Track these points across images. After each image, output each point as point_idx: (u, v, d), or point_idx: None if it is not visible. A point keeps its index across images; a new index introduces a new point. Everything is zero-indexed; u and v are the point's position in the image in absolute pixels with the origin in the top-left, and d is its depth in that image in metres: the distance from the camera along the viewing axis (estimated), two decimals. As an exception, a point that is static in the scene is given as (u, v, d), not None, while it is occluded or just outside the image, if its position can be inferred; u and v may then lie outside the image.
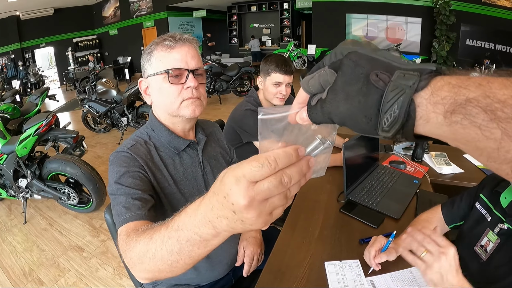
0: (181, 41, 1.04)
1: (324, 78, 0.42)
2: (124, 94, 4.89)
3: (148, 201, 0.97)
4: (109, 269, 2.48)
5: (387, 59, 0.39)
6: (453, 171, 1.92)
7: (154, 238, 0.65)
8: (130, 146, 1.04)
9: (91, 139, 5.53)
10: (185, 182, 1.12)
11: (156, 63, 1.04)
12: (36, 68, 12.13)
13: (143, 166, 1.02)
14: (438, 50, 8.35)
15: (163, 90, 1.04)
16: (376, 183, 1.69)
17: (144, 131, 1.14)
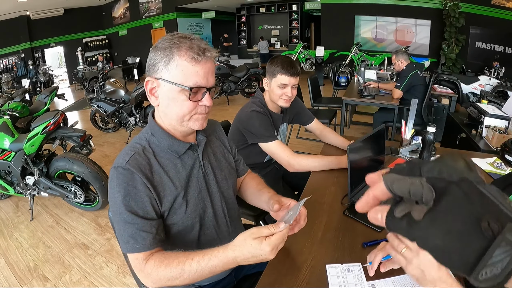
0: (205, 56, 1.00)
1: (417, 190, 0.39)
2: (132, 94, 4.92)
3: (155, 228, 1.01)
4: (113, 267, 2.49)
5: (495, 197, 0.35)
6: (459, 175, 1.89)
7: (186, 270, 0.94)
8: (128, 159, 1.00)
9: (99, 138, 5.58)
10: (186, 185, 1.11)
11: (177, 71, 0.98)
12: (46, 68, 12.26)
13: (144, 181, 0.99)
14: (447, 53, 8.28)
15: (177, 102, 1.01)
16: (381, 186, 1.67)
17: (143, 136, 1.11)
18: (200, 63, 0.99)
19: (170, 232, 1.11)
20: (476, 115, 2.99)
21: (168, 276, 0.95)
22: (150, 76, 1.03)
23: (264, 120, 1.91)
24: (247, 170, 1.51)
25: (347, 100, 4.34)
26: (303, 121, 2.30)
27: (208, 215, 1.17)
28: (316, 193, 1.63)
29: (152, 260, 0.98)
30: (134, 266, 1.00)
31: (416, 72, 3.95)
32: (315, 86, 5.11)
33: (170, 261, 0.96)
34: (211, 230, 1.19)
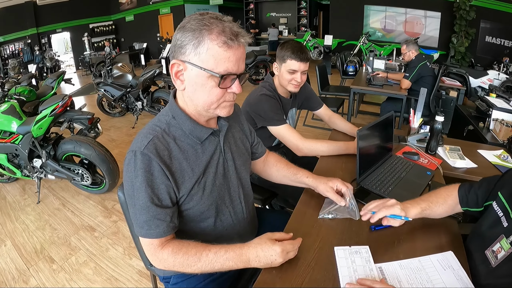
0: (239, 42, 0.94)
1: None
2: (140, 79, 4.91)
3: (169, 216, 1.02)
4: (119, 249, 2.52)
5: None
6: (466, 165, 1.89)
7: (202, 260, 0.99)
8: (146, 144, 0.97)
9: (105, 122, 5.59)
10: (205, 170, 1.09)
11: (207, 56, 0.92)
12: (52, 53, 12.28)
13: (162, 167, 0.98)
14: (457, 46, 8.18)
15: (205, 88, 0.97)
16: (388, 172, 1.67)
17: (163, 119, 1.07)
18: (232, 49, 0.93)
19: (186, 217, 1.11)
20: (484, 108, 2.98)
21: (184, 263, 0.99)
22: (177, 59, 0.96)
23: (273, 104, 1.90)
24: (266, 151, 1.52)
25: (355, 88, 4.33)
26: (312, 106, 2.29)
27: (225, 200, 1.17)
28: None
29: (169, 247, 1.00)
30: (147, 250, 1.02)
31: (425, 63, 3.91)
32: (323, 74, 5.10)
33: (188, 250, 1.00)
34: (227, 216, 1.19)
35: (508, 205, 1.04)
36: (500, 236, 1.02)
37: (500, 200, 1.08)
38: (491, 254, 1.02)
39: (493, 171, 1.86)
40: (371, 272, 1.00)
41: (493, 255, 1.02)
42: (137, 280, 2.23)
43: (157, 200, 0.98)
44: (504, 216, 1.04)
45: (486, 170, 1.86)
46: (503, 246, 1.00)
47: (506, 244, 0.99)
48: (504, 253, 0.99)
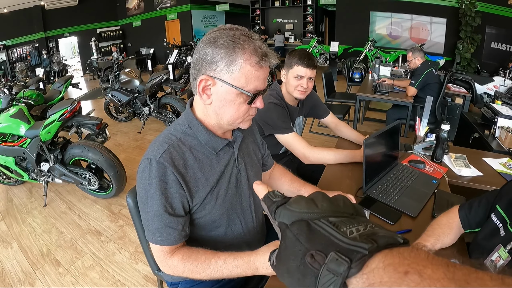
0: (269, 63, 0.98)
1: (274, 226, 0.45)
2: (147, 84, 4.95)
3: (181, 225, 1.04)
4: (125, 254, 2.53)
5: (329, 231, 0.38)
6: (472, 173, 1.90)
7: (211, 267, 0.99)
8: (162, 152, 0.99)
9: (112, 127, 5.63)
10: (218, 180, 1.11)
11: (239, 75, 0.93)
12: (60, 57, 12.36)
13: (176, 176, 0.99)
14: (462, 52, 8.15)
15: (234, 105, 0.98)
16: (394, 181, 1.68)
17: (179, 128, 1.08)
18: (263, 69, 0.97)
19: (197, 225, 1.13)
20: (490, 116, 2.98)
21: (193, 270, 1.01)
22: (206, 74, 0.96)
23: (281, 112, 1.93)
24: (273, 163, 1.55)
25: (361, 95, 4.34)
26: (319, 114, 2.30)
27: (236, 210, 1.18)
28: (331, 186, 1.64)
29: (179, 254, 1.03)
30: (157, 256, 1.05)
31: (431, 70, 3.91)
32: (329, 81, 5.11)
33: (198, 256, 1.02)
34: (238, 225, 1.20)
35: (506, 216, 1.06)
36: (498, 246, 1.03)
37: (498, 211, 1.10)
38: (490, 263, 1.04)
39: (498, 179, 1.86)
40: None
41: (492, 264, 1.03)
42: (143, 285, 2.24)
43: (170, 209, 1.00)
44: (502, 226, 1.05)
45: (491, 178, 1.87)
46: (501, 255, 1.01)
47: (504, 253, 1.00)
48: (502, 262, 1.00)
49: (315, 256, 0.36)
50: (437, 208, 1.47)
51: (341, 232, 0.37)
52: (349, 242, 0.36)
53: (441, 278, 0.30)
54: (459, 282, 0.29)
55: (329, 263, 0.34)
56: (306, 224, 0.40)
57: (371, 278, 0.33)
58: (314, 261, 0.35)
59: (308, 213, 0.41)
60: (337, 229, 0.38)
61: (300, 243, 0.38)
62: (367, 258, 0.34)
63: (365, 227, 0.38)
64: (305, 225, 0.39)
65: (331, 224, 0.39)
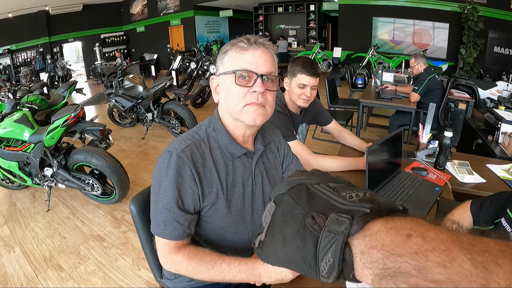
0: (255, 44, 1.01)
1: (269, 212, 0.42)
2: (151, 90, 4.97)
3: (188, 222, 1.04)
4: (128, 260, 2.53)
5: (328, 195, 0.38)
6: (475, 180, 1.89)
7: (215, 269, 1.00)
8: (184, 147, 1.02)
9: (116, 133, 5.64)
10: (232, 188, 1.11)
11: (228, 62, 1.03)
12: (64, 62, 12.47)
13: (193, 173, 1.01)
14: (465, 57, 8.14)
15: (229, 91, 1.02)
16: (397, 189, 1.68)
17: (204, 128, 1.12)
18: (248, 50, 1.01)
19: (205, 229, 1.13)
20: (493, 121, 2.97)
21: (196, 269, 1.01)
22: (215, 76, 1.09)
23: (284, 119, 1.93)
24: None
25: (364, 102, 4.35)
26: (322, 122, 2.31)
27: (245, 221, 1.18)
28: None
29: (185, 251, 1.03)
30: (161, 250, 1.05)
31: (434, 76, 3.91)
32: (332, 87, 5.12)
33: (203, 256, 1.02)
34: (245, 235, 1.19)
35: None
36: None
37: (508, 216, 1.09)
38: None
39: (502, 186, 1.86)
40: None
41: None
42: None
43: (181, 203, 1.01)
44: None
45: (494, 185, 1.86)
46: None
47: None
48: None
49: (316, 218, 0.35)
50: (440, 216, 1.47)
51: (341, 196, 0.37)
52: (349, 204, 0.36)
53: (445, 240, 0.29)
54: (464, 244, 0.28)
55: (330, 224, 0.34)
56: (305, 187, 0.40)
57: (373, 240, 0.32)
58: (315, 223, 0.35)
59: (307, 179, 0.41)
60: (337, 193, 0.38)
61: (300, 206, 0.38)
62: (370, 217, 0.34)
63: (364, 193, 0.38)
64: (305, 189, 0.39)
65: (331, 189, 0.39)
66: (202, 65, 7.68)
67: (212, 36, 15.08)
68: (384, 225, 0.33)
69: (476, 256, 0.27)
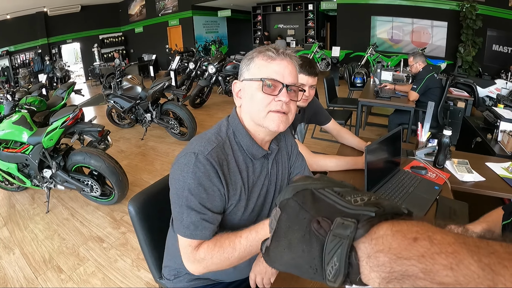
0: (282, 55, 1.05)
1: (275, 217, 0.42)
2: (149, 91, 4.96)
3: (217, 221, 1.05)
4: (127, 261, 2.53)
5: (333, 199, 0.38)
6: (474, 179, 1.89)
7: (237, 248, 0.98)
8: (210, 150, 1.02)
9: (114, 133, 5.64)
10: (252, 189, 1.13)
11: (254, 70, 1.05)
12: (62, 63, 12.45)
13: (220, 176, 1.02)
14: (464, 55, 8.14)
15: (254, 97, 1.04)
16: (397, 188, 1.67)
17: (224, 130, 1.12)
18: (276, 60, 1.04)
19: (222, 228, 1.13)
20: (492, 119, 2.97)
21: (221, 258, 1.00)
22: (237, 80, 1.13)
23: None
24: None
25: (363, 101, 4.35)
26: (320, 121, 2.30)
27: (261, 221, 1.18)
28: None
29: (204, 245, 1.02)
30: (185, 252, 1.04)
31: (432, 74, 3.91)
32: (331, 87, 5.13)
33: (221, 242, 1.01)
34: None
35: None
36: None
37: None
38: None
39: (501, 185, 1.85)
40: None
41: None
42: None
43: (210, 204, 1.02)
44: None
45: (494, 184, 1.86)
46: None
47: None
48: None
49: (321, 222, 0.36)
50: (439, 215, 1.46)
51: (346, 200, 0.37)
52: (355, 208, 0.36)
53: (452, 243, 0.30)
54: (471, 247, 0.29)
55: (335, 228, 0.34)
56: (310, 192, 0.40)
57: (379, 244, 0.33)
58: (320, 227, 0.35)
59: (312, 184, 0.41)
60: (342, 197, 0.38)
61: (305, 210, 0.38)
62: (375, 221, 0.34)
63: (369, 197, 0.38)
64: (310, 194, 0.40)
65: (336, 193, 0.39)
66: (200, 65, 7.67)
67: (210, 36, 15.05)
68: (390, 228, 0.33)
69: (483, 258, 0.28)
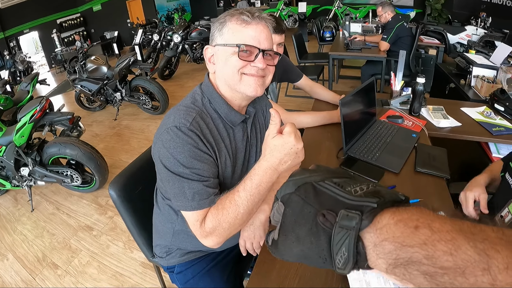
0: (258, 19, 1.01)
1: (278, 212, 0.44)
2: (115, 69, 4.79)
3: (217, 185, 1.04)
4: (119, 244, 2.55)
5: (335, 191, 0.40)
6: (451, 124, 1.94)
7: (239, 203, 0.95)
8: (191, 121, 0.99)
9: (87, 118, 5.46)
10: (235, 155, 1.13)
11: (228, 35, 1.01)
12: (23, 55, 11.86)
13: (207, 144, 1.00)
14: (433, 3, 8.09)
15: (228, 62, 1.01)
16: (374, 138, 1.69)
17: (199, 99, 1.08)
18: (251, 25, 1.01)
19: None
20: (464, 65, 3.00)
21: (230, 219, 0.96)
22: (209, 45, 1.08)
23: None
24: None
25: (334, 54, 4.32)
26: (292, 79, 2.27)
27: None
28: (311, 150, 1.64)
29: (209, 214, 0.99)
30: (195, 229, 1.00)
31: (402, 23, 3.91)
32: (300, 43, 5.07)
33: (223, 205, 0.98)
34: None
35: None
36: (508, 201, 1.07)
37: (510, 168, 1.15)
38: (499, 220, 1.07)
39: (478, 129, 1.91)
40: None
41: (501, 220, 1.07)
42: (141, 272, 2.27)
43: (207, 173, 1.00)
44: None
45: (470, 128, 1.91)
46: (510, 210, 1.04)
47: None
48: (510, 217, 1.03)
49: (326, 215, 0.38)
50: (419, 162, 1.49)
51: (346, 191, 0.40)
52: (356, 199, 0.38)
53: (450, 230, 0.33)
54: (466, 234, 0.32)
55: (341, 220, 0.37)
56: (311, 186, 0.41)
57: (384, 233, 0.35)
58: (326, 220, 0.38)
59: (311, 176, 0.43)
60: (342, 188, 0.40)
61: (309, 204, 0.40)
62: (378, 211, 0.37)
63: (368, 186, 0.40)
64: (311, 187, 0.41)
65: (336, 184, 0.41)
66: (165, 35, 7.40)
67: (172, 4, 14.45)
68: (392, 217, 0.36)
69: (478, 244, 0.31)
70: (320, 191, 0.41)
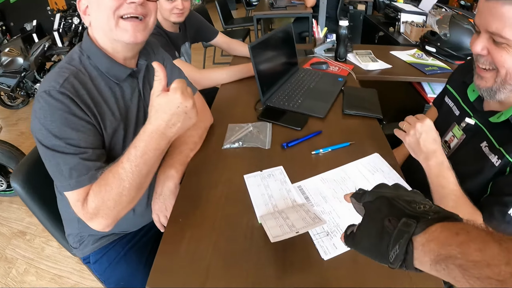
0: None
1: (359, 211, 0.58)
2: (31, 59, 4.45)
3: (101, 156, 0.89)
4: (54, 244, 2.39)
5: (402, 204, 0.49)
6: (380, 66, 1.93)
7: (123, 177, 0.81)
8: (62, 82, 0.83)
9: (10, 118, 5.02)
10: (126, 115, 0.99)
11: None
12: None
13: (82, 108, 0.85)
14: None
15: (101, 5, 0.85)
16: (296, 86, 1.61)
17: (76, 57, 0.93)
18: None
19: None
20: (393, 13, 3.00)
21: (114, 196, 0.83)
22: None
23: (160, 41, 1.70)
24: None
25: (259, 14, 4.15)
26: (207, 37, 2.14)
27: None
28: (228, 106, 1.53)
29: (91, 192, 0.85)
30: (78, 210, 0.86)
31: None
32: (224, 8, 4.94)
33: (106, 179, 0.83)
34: None
35: (456, 94, 1.10)
36: (452, 125, 1.05)
37: (450, 92, 1.15)
38: (444, 145, 1.05)
39: (410, 70, 1.92)
40: (289, 193, 0.94)
41: (446, 145, 1.05)
42: (79, 269, 2.15)
43: (84, 143, 0.85)
44: (455, 105, 1.09)
45: (402, 70, 1.92)
46: (455, 134, 1.03)
47: (458, 131, 1.02)
48: (457, 141, 1.02)
49: (391, 221, 0.47)
50: (346, 104, 1.43)
51: (412, 207, 0.48)
52: (417, 211, 0.47)
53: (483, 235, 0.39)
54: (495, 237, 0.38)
55: (401, 226, 0.45)
56: (386, 199, 0.52)
57: (430, 236, 0.43)
58: (390, 224, 0.47)
59: (388, 193, 0.53)
60: (409, 204, 0.49)
61: (381, 212, 0.50)
62: (431, 222, 0.44)
63: (430, 206, 0.48)
64: (385, 200, 0.52)
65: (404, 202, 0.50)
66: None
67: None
68: (440, 226, 0.43)
69: (503, 243, 0.37)
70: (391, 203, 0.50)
